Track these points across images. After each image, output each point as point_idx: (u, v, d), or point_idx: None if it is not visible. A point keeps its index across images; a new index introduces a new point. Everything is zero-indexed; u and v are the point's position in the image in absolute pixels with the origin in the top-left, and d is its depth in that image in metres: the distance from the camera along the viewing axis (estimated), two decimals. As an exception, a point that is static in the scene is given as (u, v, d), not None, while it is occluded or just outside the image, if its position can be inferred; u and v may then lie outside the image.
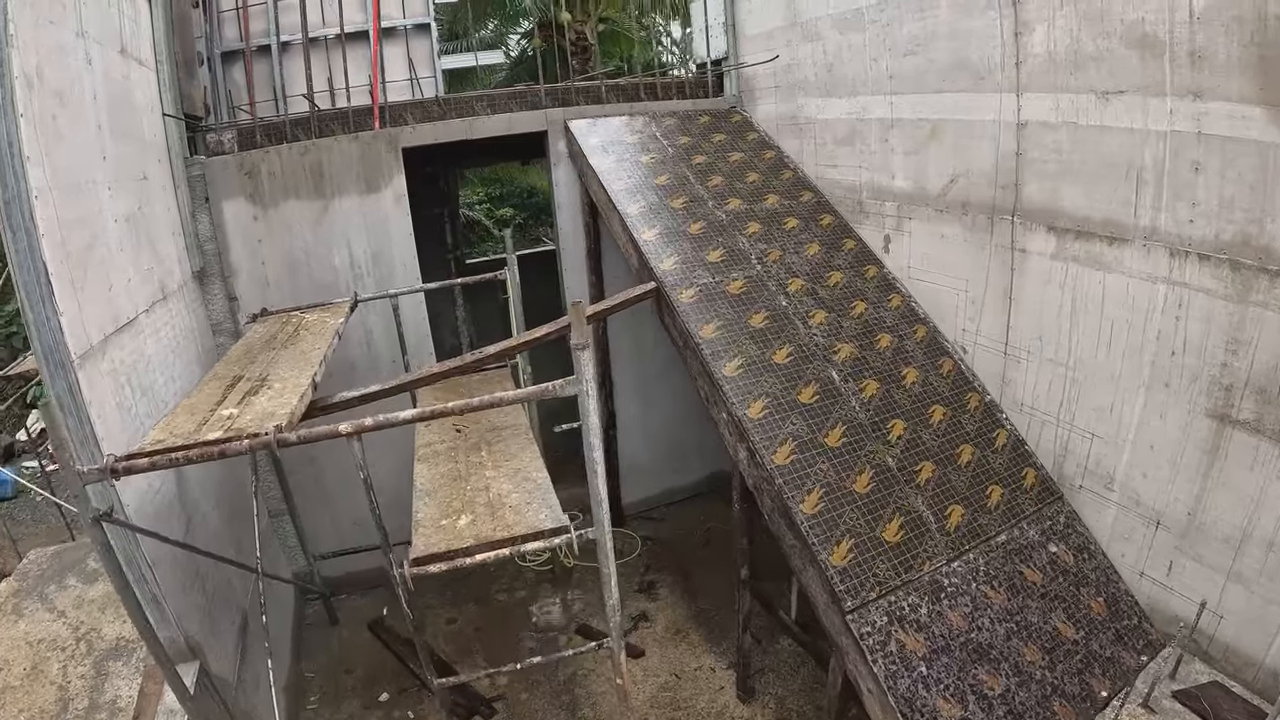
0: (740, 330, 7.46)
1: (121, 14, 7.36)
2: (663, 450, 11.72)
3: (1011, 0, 6.79)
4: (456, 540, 5.55)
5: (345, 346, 9.32)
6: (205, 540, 7.29)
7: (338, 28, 10.29)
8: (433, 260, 11.46)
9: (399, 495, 7.85)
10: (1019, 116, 6.95)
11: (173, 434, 5.14)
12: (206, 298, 9.01)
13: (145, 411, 6.57)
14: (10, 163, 5.24)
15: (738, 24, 11.01)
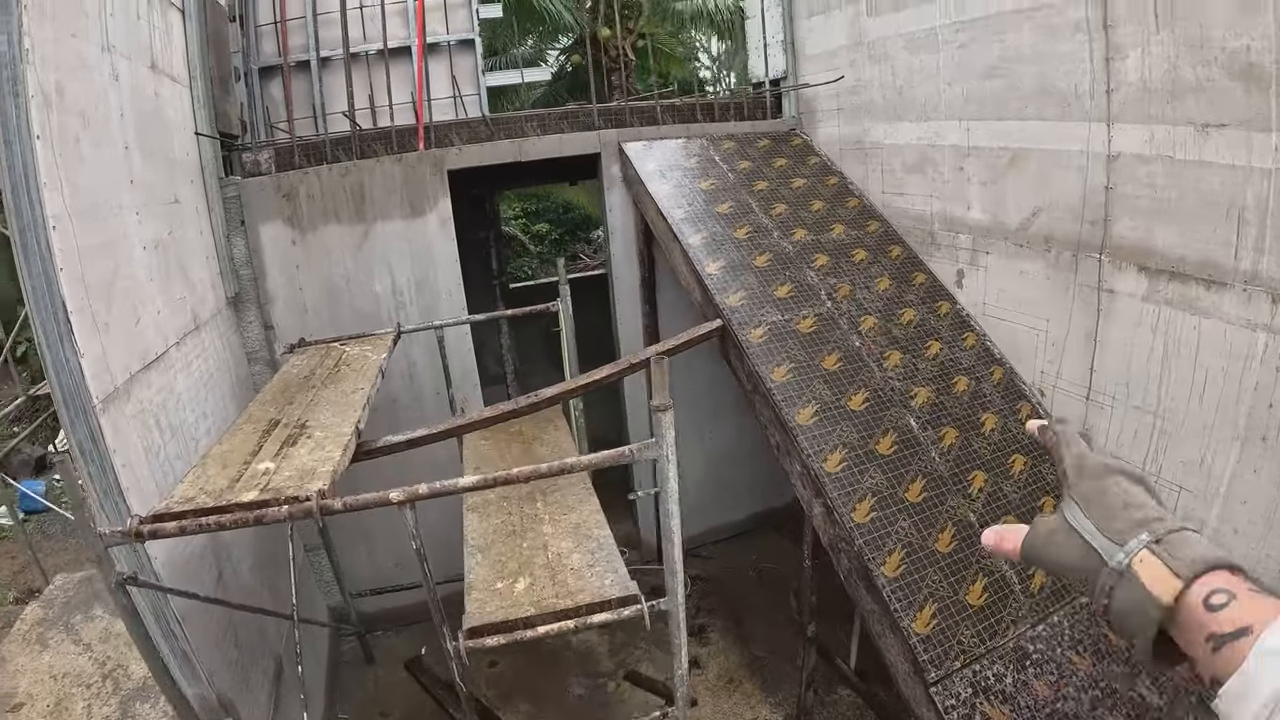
0: (813, 373, 6.81)
1: (152, 27, 6.79)
2: (713, 487, 11.01)
3: (1102, 23, 6.14)
4: (514, 608, 4.96)
5: (387, 378, 8.67)
6: (238, 587, 6.81)
7: (380, 43, 9.68)
8: (477, 286, 10.82)
9: (442, 530, 7.46)
10: (1109, 148, 6.29)
11: (203, 490, 4.58)
12: (242, 325, 8.43)
13: (175, 453, 6.02)
14: (26, 187, 4.71)
15: (797, 42, 10.31)
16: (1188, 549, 0.99)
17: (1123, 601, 1.01)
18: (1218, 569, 0.97)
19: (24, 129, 4.66)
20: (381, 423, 8.19)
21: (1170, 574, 0.97)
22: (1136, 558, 1.01)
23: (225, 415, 7.24)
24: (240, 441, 5.33)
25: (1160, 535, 1.02)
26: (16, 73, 4.64)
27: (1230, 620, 0.91)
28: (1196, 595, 0.95)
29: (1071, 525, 1.12)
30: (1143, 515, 1.06)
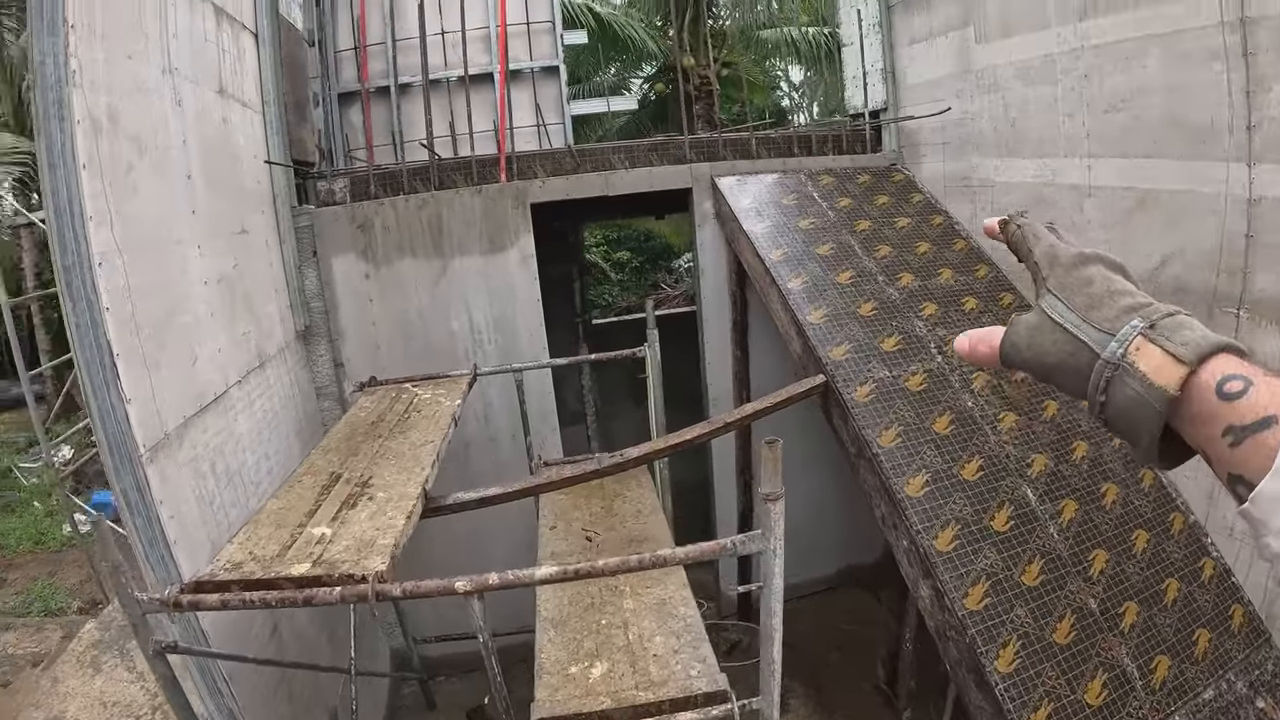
0: (923, 437, 6.10)
1: (221, 50, 6.34)
2: (796, 540, 10.23)
3: (1242, 50, 5.40)
4: (589, 698, 4.35)
5: (461, 422, 8.14)
6: (294, 637, 6.34)
7: (461, 69, 9.16)
8: (558, 322, 10.23)
9: None
10: (1250, 191, 5.53)
11: (253, 556, 4.15)
12: (311, 358, 7.98)
13: (231, 500, 5.61)
14: (70, 222, 4.28)
15: (898, 71, 9.58)
16: (1187, 332, 0.88)
17: (1121, 397, 0.90)
18: (1225, 352, 0.86)
19: (68, 157, 4.21)
20: (454, 466, 7.75)
21: (1172, 360, 0.86)
22: (1132, 345, 0.90)
23: (289, 455, 6.78)
24: (297, 497, 4.84)
25: (1154, 319, 0.91)
26: (62, 95, 4.19)
27: (1251, 409, 0.80)
28: (1206, 382, 0.84)
29: (1054, 320, 0.99)
30: (1131, 301, 0.95)
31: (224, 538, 5.07)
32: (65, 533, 12.00)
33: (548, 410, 8.78)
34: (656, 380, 7.32)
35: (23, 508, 13.81)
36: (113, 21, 4.67)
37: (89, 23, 4.40)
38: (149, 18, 5.11)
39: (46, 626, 9.85)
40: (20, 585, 11.25)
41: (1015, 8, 7.49)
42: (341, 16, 10.83)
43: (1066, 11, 6.83)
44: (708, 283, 9.12)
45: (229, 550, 4.19)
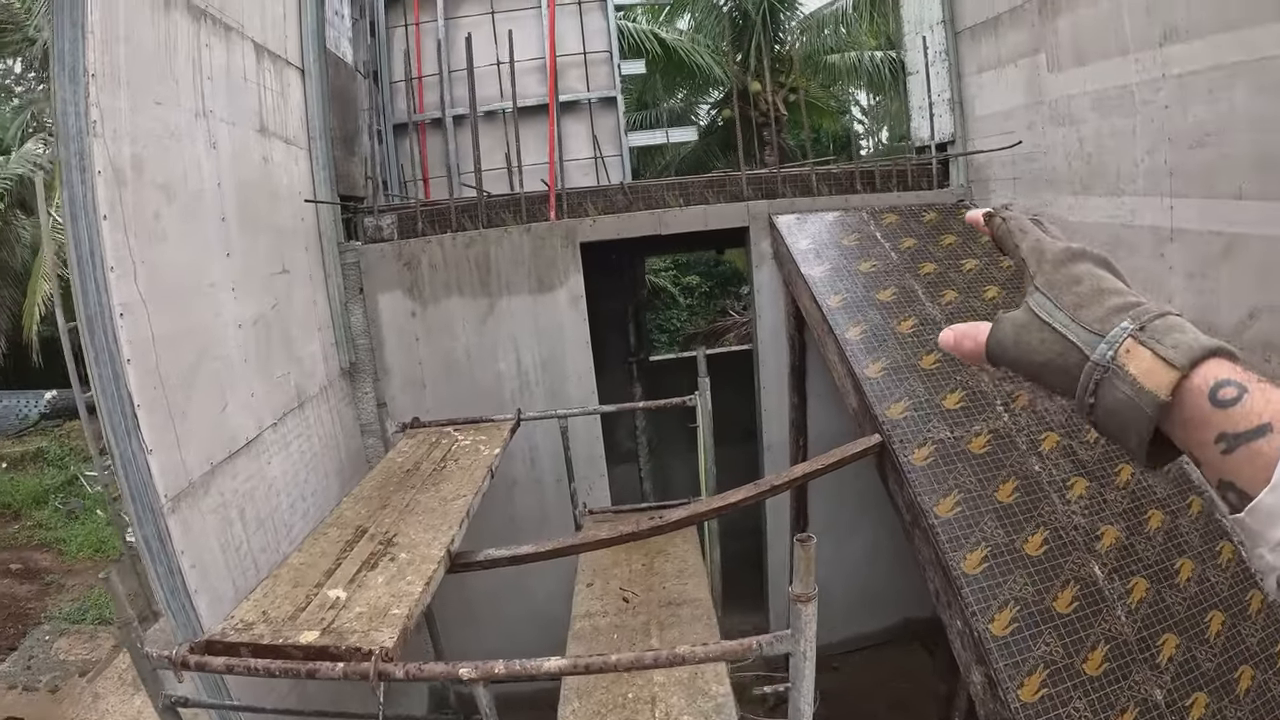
0: (984, 506, 5.63)
1: (263, 88, 6.20)
2: (849, 592, 9.74)
3: None
4: None
5: (507, 460, 7.92)
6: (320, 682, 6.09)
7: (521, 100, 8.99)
8: (611, 359, 9.98)
9: (552, 610, 7.06)
10: None
11: (265, 616, 4.08)
12: (356, 396, 7.84)
13: (260, 545, 5.47)
14: (92, 273, 4.17)
15: (965, 101, 9.12)
16: (1179, 334, 0.85)
17: (1111, 399, 0.86)
18: (1217, 356, 0.83)
19: (90, 209, 4.10)
20: (498, 506, 7.57)
21: (1164, 364, 0.83)
22: (1122, 348, 0.87)
23: (327, 495, 6.61)
24: (320, 553, 4.73)
25: (1144, 321, 0.87)
26: (83, 146, 4.06)
27: (1245, 417, 0.78)
28: (1199, 388, 0.81)
29: (1042, 319, 0.95)
30: (1120, 301, 0.91)
31: (249, 583, 5.02)
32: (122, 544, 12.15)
33: (595, 455, 8.53)
34: (707, 429, 6.99)
35: (86, 515, 14.06)
36: (139, 68, 4.54)
37: (112, 71, 4.26)
38: (180, 62, 4.97)
39: (99, 635, 9.92)
40: (78, 592, 11.41)
41: (1089, 33, 6.97)
42: (396, 47, 10.80)
43: (1145, 37, 6.30)
44: (764, 325, 8.79)
45: (244, 608, 4.14)
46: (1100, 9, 6.70)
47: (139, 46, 4.57)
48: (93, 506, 14.18)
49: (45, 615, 10.72)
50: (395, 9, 10.99)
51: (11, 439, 17.46)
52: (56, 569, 12.26)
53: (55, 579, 11.93)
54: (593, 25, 11.00)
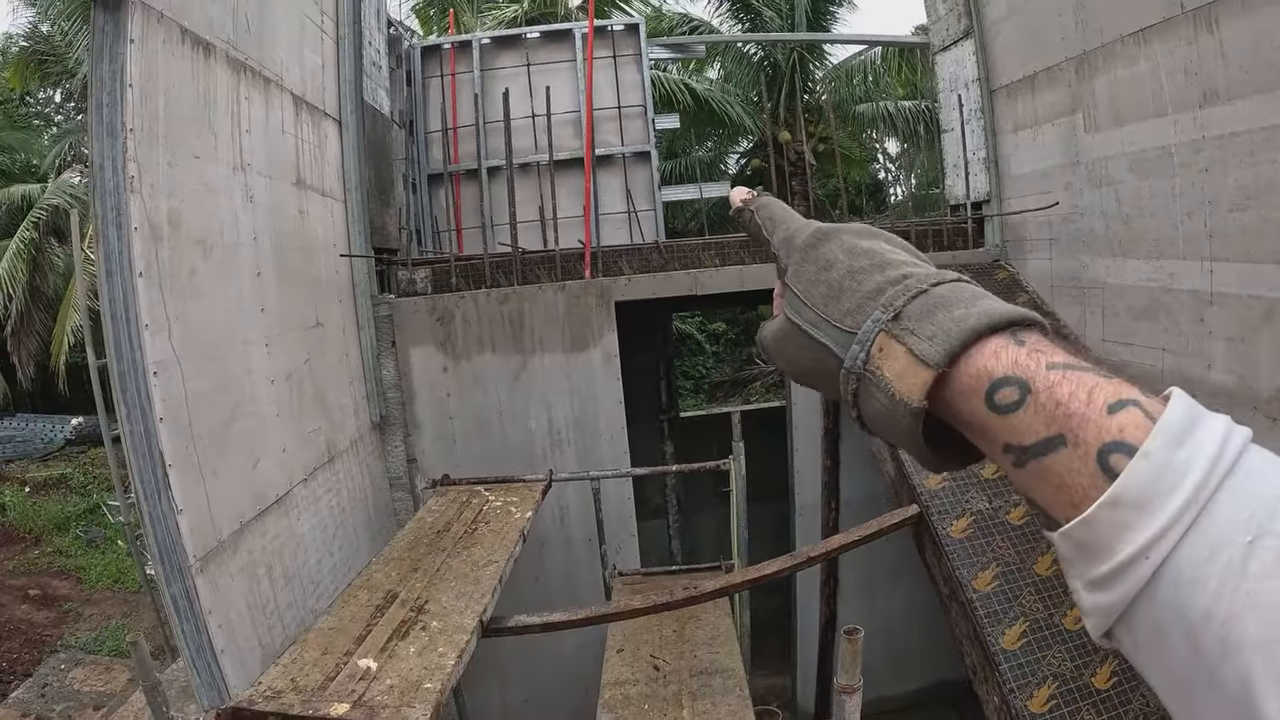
0: (1023, 580, 5.47)
1: (300, 141, 6.16)
2: (881, 653, 9.47)
3: None
4: None
5: (536, 517, 7.80)
6: None
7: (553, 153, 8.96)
8: (642, 415, 9.81)
9: (582, 676, 6.96)
10: None
11: (294, 684, 3.93)
12: (386, 449, 7.75)
13: (287, 601, 5.37)
14: (126, 329, 4.09)
15: (1001, 160, 8.98)
16: (940, 315, 0.66)
17: (871, 411, 0.70)
18: (995, 335, 0.64)
19: (125, 267, 4.03)
20: (527, 564, 7.37)
21: (916, 361, 0.65)
22: (875, 346, 0.69)
23: (355, 550, 6.50)
24: (350, 617, 4.58)
25: (899, 306, 0.68)
26: (120, 202, 4.00)
27: (1030, 427, 0.60)
28: (972, 388, 0.63)
29: (794, 322, 0.77)
30: (879, 280, 0.72)
31: (276, 641, 4.96)
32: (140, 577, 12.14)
33: (626, 515, 8.40)
34: (741, 494, 6.84)
35: (107, 545, 14.06)
36: (178, 122, 4.50)
37: (150, 125, 4.21)
38: (219, 115, 4.94)
39: (114, 667, 9.89)
40: (95, 622, 11.39)
41: (1127, 94, 6.85)
42: (432, 97, 10.82)
43: (1185, 98, 6.18)
44: (798, 388, 8.58)
45: (272, 674, 4.01)
46: (1138, 69, 6.60)
47: (178, 100, 4.53)
48: (114, 536, 14.18)
49: (61, 643, 10.73)
50: (432, 60, 11.03)
51: (36, 463, 17.56)
52: (75, 597, 12.23)
53: (73, 607, 11.90)
54: (628, 79, 11.01)
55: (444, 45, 11.07)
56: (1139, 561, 0.53)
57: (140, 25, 4.19)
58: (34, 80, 21.07)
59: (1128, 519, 0.53)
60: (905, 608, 9.28)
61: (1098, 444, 0.56)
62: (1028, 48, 8.11)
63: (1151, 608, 0.53)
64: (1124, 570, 0.53)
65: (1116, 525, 0.54)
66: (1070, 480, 0.57)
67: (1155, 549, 0.52)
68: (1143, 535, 0.53)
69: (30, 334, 18.44)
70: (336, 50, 7.09)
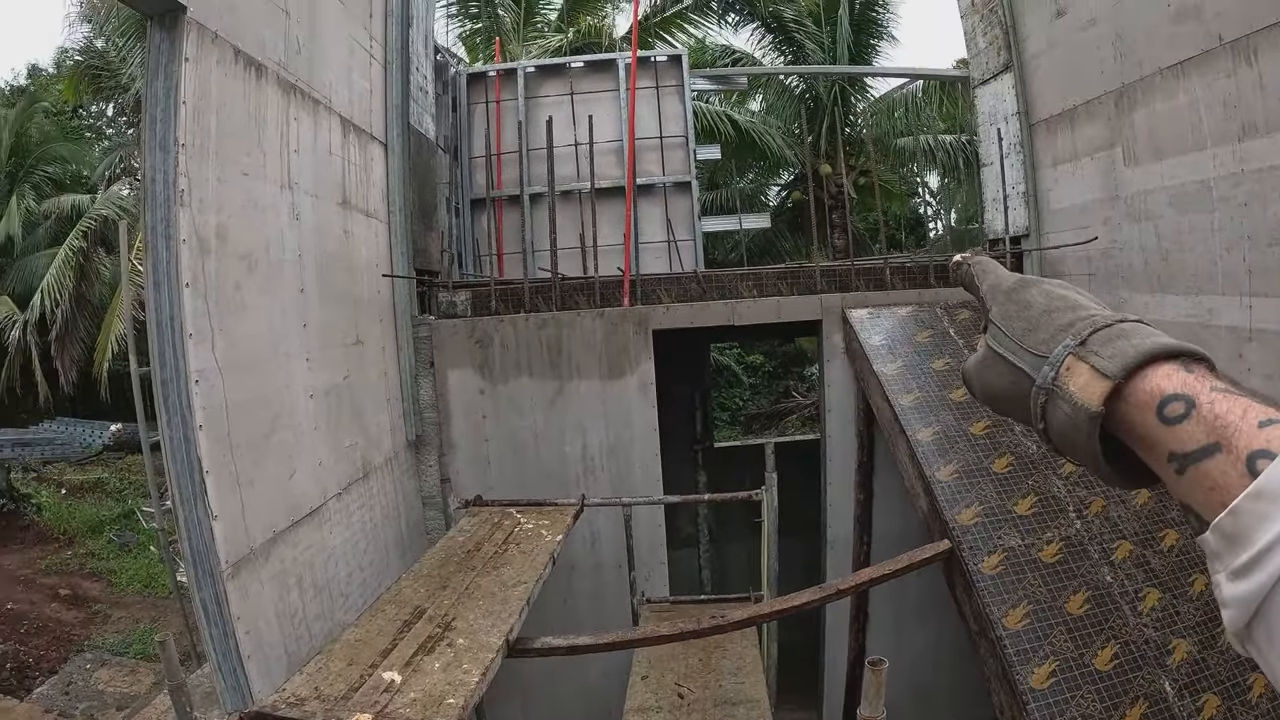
0: (1055, 619, 5.40)
1: (347, 163, 6.27)
2: (907, 689, 9.31)
3: None
4: None
5: (567, 542, 7.81)
6: None
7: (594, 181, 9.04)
8: (676, 443, 9.81)
9: (606, 699, 6.97)
10: None
11: (318, 691, 3.98)
12: (420, 469, 7.78)
13: (316, 613, 5.40)
14: (171, 339, 4.18)
15: (1040, 194, 8.94)
16: (1121, 343, 0.78)
17: (1056, 421, 0.82)
18: (1160, 360, 0.76)
19: (173, 275, 4.11)
20: (555, 588, 7.43)
21: (1098, 376, 0.77)
22: (1064, 366, 0.81)
23: (385, 566, 6.53)
24: (377, 631, 4.62)
25: (1086, 335, 0.81)
26: (170, 214, 4.09)
27: (1191, 435, 0.70)
28: (1145, 403, 0.74)
29: (996, 350, 0.91)
30: (1070, 318, 0.85)
31: (303, 650, 4.99)
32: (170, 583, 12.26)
33: (657, 543, 8.35)
34: (773, 526, 6.83)
35: (139, 549, 14.29)
36: (229, 140, 4.60)
37: (202, 142, 4.32)
38: (269, 134, 5.04)
39: (140, 670, 9.94)
40: (123, 625, 11.49)
41: (1166, 127, 6.81)
42: (477, 125, 10.93)
43: (1224, 132, 6.14)
44: (833, 420, 8.61)
45: (296, 681, 4.04)
46: (1177, 103, 6.57)
47: (230, 118, 4.63)
48: (146, 542, 14.40)
49: (89, 643, 10.79)
50: (477, 86, 11.16)
51: (74, 466, 17.86)
52: (104, 599, 12.38)
53: (102, 609, 12.03)
54: (670, 109, 11.07)
55: (489, 72, 11.21)
56: (1275, 549, 0.61)
57: (195, 45, 4.30)
58: (87, 94, 21.53)
59: (1267, 510, 0.62)
60: (934, 645, 9.17)
61: (1247, 451, 0.65)
62: (1067, 81, 8.09)
63: None
64: (1263, 557, 0.61)
65: (1258, 515, 0.62)
66: (1222, 482, 0.66)
67: None
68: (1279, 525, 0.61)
69: (74, 340, 18.81)
70: (384, 75, 7.21)
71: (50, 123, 24.78)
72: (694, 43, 18.29)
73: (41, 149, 22.96)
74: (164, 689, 8.91)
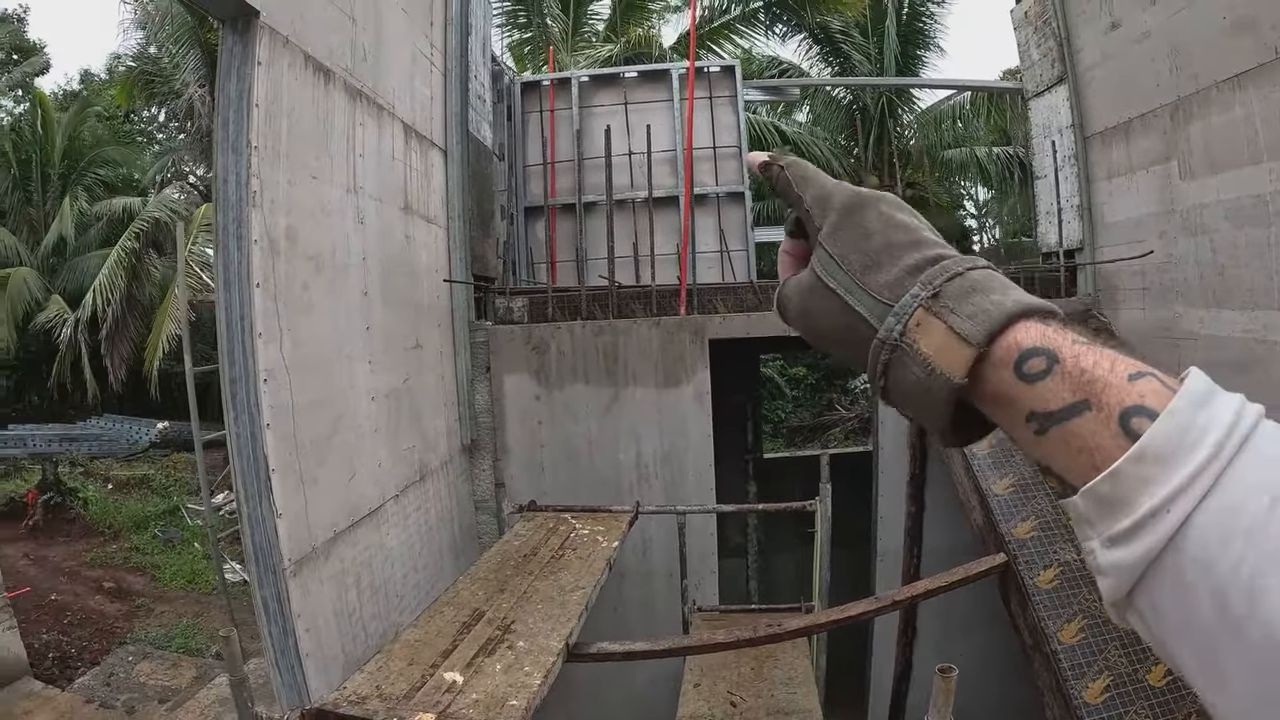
0: (1109, 634, 5.32)
1: (409, 168, 6.34)
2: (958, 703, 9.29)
3: None
4: None
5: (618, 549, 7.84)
6: None
7: (646, 190, 9.15)
8: (726, 453, 9.72)
9: (655, 705, 7.10)
10: None
11: (379, 690, 3.97)
12: (474, 473, 7.84)
13: (372, 613, 5.44)
14: (240, 338, 4.25)
15: (1094, 208, 8.84)
16: (978, 298, 0.69)
17: (903, 382, 0.71)
18: (1025, 319, 0.67)
19: (243, 275, 4.18)
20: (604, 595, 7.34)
21: (957, 340, 0.68)
22: (912, 321, 0.71)
23: (439, 569, 6.57)
24: (436, 632, 4.61)
25: (938, 285, 0.71)
26: (242, 215, 4.16)
27: (1056, 393, 0.63)
28: (1002, 359, 0.66)
29: (826, 284, 0.78)
30: (917, 258, 0.74)
31: (359, 650, 5.02)
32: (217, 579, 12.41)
33: (708, 551, 8.32)
34: (826, 537, 6.79)
35: (184, 546, 14.41)
36: (298, 143, 4.67)
37: (273, 145, 4.38)
38: (336, 138, 5.12)
39: (182, 663, 9.97)
40: (166, 620, 11.57)
41: (1222, 140, 6.71)
42: (532, 133, 10.99)
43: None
44: (887, 433, 8.56)
45: (357, 680, 4.03)
46: (1233, 116, 6.49)
47: (299, 122, 4.71)
48: (191, 539, 14.56)
49: (131, 636, 10.85)
50: (531, 95, 11.21)
51: (120, 462, 18.07)
52: (148, 593, 12.49)
53: (145, 602, 12.14)
54: (723, 120, 11.05)
55: (544, 82, 11.24)
56: (1160, 515, 0.55)
57: (267, 49, 4.38)
58: (139, 99, 21.83)
59: (1151, 473, 0.56)
60: (980, 660, 9.04)
61: (1119, 407, 0.59)
62: (1122, 94, 8.00)
63: (1176, 565, 0.55)
64: (1146, 524, 0.56)
65: (1140, 479, 0.56)
66: (1092, 443, 0.60)
67: (1177, 503, 0.54)
68: (1165, 489, 0.55)
69: (124, 339, 19.12)
70: (444, 82, 7.29)
71: (103, 126, 25.24)
72: (740, 53, 18.28)
73: (94, 152, 23.45)
74: (206, 684, 9.06)
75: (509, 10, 16.76)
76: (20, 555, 12.94)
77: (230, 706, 6.71)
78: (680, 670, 6.21)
